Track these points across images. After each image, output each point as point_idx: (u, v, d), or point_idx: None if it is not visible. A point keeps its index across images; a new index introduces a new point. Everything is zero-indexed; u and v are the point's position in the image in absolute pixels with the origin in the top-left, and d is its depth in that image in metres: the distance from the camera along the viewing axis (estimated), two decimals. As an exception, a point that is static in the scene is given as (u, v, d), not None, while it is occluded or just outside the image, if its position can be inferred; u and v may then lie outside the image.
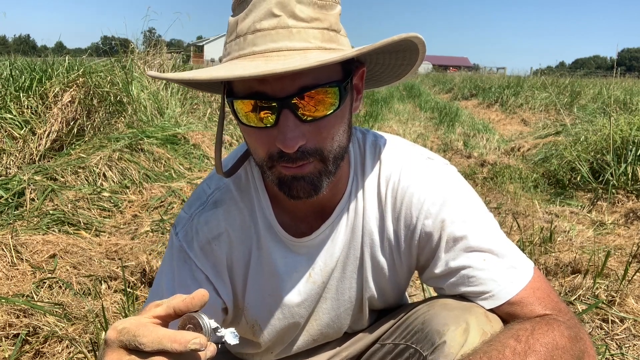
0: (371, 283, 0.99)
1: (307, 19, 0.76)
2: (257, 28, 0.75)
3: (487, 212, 0.94)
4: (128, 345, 0.58)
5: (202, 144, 4.73)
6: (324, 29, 0.78)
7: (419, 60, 0.87)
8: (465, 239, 0.89)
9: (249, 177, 0.97)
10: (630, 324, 2.04)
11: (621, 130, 4.45)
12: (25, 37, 65.16)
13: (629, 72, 34.35)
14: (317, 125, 0.79)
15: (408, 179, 0.93)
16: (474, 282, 0.89)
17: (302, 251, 0.96)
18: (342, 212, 0.95)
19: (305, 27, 0.76)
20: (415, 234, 0.92)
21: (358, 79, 0.88)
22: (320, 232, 0.95)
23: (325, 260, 0.96)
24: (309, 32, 0.76)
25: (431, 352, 0.84)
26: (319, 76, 0.76)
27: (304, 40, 0.75)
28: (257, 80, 0.76)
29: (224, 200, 0.96)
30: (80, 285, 2.22)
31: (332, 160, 0.83)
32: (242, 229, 0.96)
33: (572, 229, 3.15)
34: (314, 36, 0.76)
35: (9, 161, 3.71)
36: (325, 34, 0.78)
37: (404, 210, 0.92)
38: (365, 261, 0.97)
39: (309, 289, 0.98)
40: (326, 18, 0.78)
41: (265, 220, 0.95)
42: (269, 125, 0.78)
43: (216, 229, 0.95)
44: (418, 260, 0.97)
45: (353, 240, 0.96)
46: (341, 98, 0.79)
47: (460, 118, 9.44)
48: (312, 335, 1.05)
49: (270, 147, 0.80)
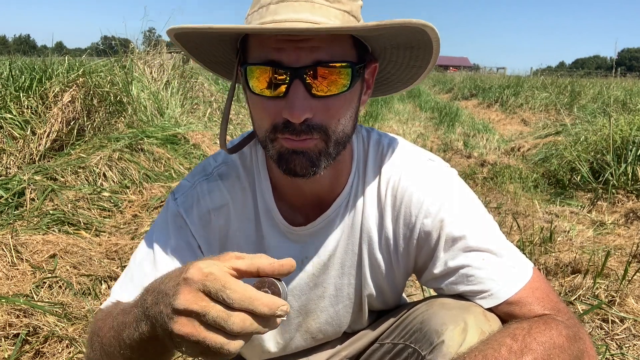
0: (369, 281, 0.99)
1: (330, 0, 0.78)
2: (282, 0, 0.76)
3: (486, 213, 0.94)
4: (212, 295, 0.56)
5: (202, 144, 4.73)
6: (345, 11, 0.79)
7: (432, 62, 0.87)
8: (464, 239, 0.89)
9: (252, 159, 0.98)
10: (630, 324, 2.04)
11: (621, 130, 4.45)
12: (25, 37, 65.18)
13: (629, 72, 34.33)
14: (326, 103, 0.80)
15: (408, 179, 0.93)
16: (472, 281, 0.89)
17: (297, 239, 0.96)
18: (340, 207, 0.95)
19: (327, 5, 0.77)
20: (414, 233, 0.93)
21: (369, 74, 0.89)
22: (316, 224, 0.95)
23: (318, 252, 0.97)
24: (331, 10, 0.77)
25: (430, 352, 0.84)
26: (334, 53, 0.78)
27: (325, 16, 0.77)
28: (274, 48, 0.77)
29: (229, 174, 0.97)
30: (80, 285, 2.22)
31: (334, 143, 0.83)
32: (242, 206, 0.96)
33: (572, 229, 3.15)
34: (334, 15, 0.78)
35: (9, 161, 3.71)
36: (346, 16, 0.79)
37: (404, 209, 0.93)
38: (364, 259, 0.97)
39: (299, 277, 0.98)
40: (348, 3, 0.80)
41: (265, 204, 0.96)
42: (280, 96, 0.79)
43: (218, 200, 0.95)
44: (416, 262, 0.97)
45: (351, 237, 0.96)
46: (352, 80, 0.80)
47: (460, 118, 9.44)
48: (311, 333, 1.05)
49: (276, 117, 0.80)
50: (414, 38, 0.81)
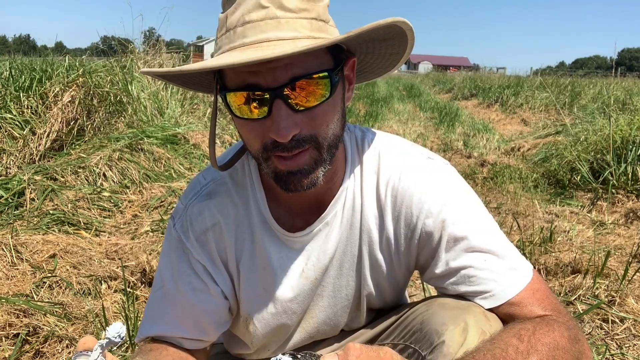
0: (369, 280, 0.99)
1: (295, 9, 0.77)
2: (246, 20, 0.76)
3: (488, 213, 0.94)
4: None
5: (202, 143, 4.73)
6: (312, 18, 0.79)
7: (409, 48, 0.87)
8: (466, 239, 0.89)
9: (245, 171, 0.98)
10: (630, 324, 2.04)
11: (621, 130, 4.45)
12: (25, 37, 65.12)
13: (629, 72, 34.32)
14: (310, 114, 0.80)
15: (409, 179, 0.93)
16: (474, 282, 0.89)
17: (296, 246, 0.96)
18: (338, 208, 0.95)
19: (293, 18, 0.77)
20: (416, 233, 0.92)
21: (349, 70, 0.88)
22: (315, 227, 0.95)
23: (319, 256, 0.96)
24: (298, 22, 0.77)
25: (430, 352, 0.84)
26: (309, 66, 0.78)
27: (293, 29, 0.76)
28: (249, 72, 0.77)
29: (217, 191, 0.97)
30: (80, 285, 2.22)
31: (326, 148, 0.83)
32: (235, 222, 0.96)
33: (572, 229, 3.15)
34: (302, 26, 0.77)
35: (9, 161, 3.71)
36: (314, 24, 0.79)
37: (405, 209, 0.92)
38: (364, 259, 0.97)
39: (302, 284, 0.98)
40: (314, 8, 0.79)
41: (260, 214, 0.96)
42: (262, 117, 0.79)
43: (209, 220, 0.96)
44: (417, 260, 0.97)
45: (350, 237, 0.96)
46: (332, 87, 0.80)
47: (460, 118, 9.44)
48: (309, 332, 1.05)
49: (264, 138, 0.81)
50: (386, 32, 0.81)
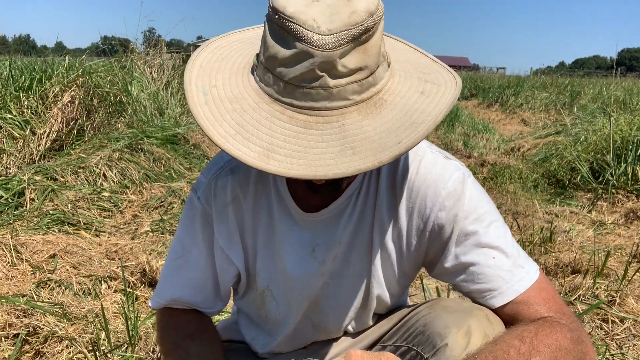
0: (379, 270, 0.99)
1: (348, 72, 0.76)
2: (300, 84, 0.76)
3: (499, 214, 0.96)
4: None
5: (202, 144, 4.73)
6: (364, 79, 0.77)
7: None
8: (476, 235, 0.91)
9: None
10: (630, 324, 2.04)
11: (621, 130, 4.46)
12: (25, 37, 65.10)
13: (629, 72, 34.35)
14: None
15: (425, 174, 0.94)
16: (482, 279, 0.90)
17: (308, 226, 0.98)
18: (352, 195, 0.96)
19: (345, 84, 0.76)
20: (428, 225, 0.94)
21: None
22: (329, 210, 0.96)
23: (327, 240, 0.98)
24: (348, 88, 0.76)
25: (432, 355, 0.85)
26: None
27: (343, 98, 0.77)
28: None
29: (240, 167, 0.99)
30: (80, 285, 2.22)
31: None
32: (254, 197, 0.99)
33: (572, 229, 3.15)
34: (352, 91, 0.77)
35: (9, 161, 3.71)
36: (364, 84, 0.78)
37: (419, 202, 0.94)
38: (374, 248, 0.98)
39: (311, 265, 0.99)
40: (369, 61, 0.77)
41: (278, 192, 0.98)
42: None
43: (230, 194, 0.99)
44: (427, 255, 0.98)
45: (362, 225, 0.97)
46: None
47: (460, 118, 9.44)
48: (314, 320, 1.05)
49: None
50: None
